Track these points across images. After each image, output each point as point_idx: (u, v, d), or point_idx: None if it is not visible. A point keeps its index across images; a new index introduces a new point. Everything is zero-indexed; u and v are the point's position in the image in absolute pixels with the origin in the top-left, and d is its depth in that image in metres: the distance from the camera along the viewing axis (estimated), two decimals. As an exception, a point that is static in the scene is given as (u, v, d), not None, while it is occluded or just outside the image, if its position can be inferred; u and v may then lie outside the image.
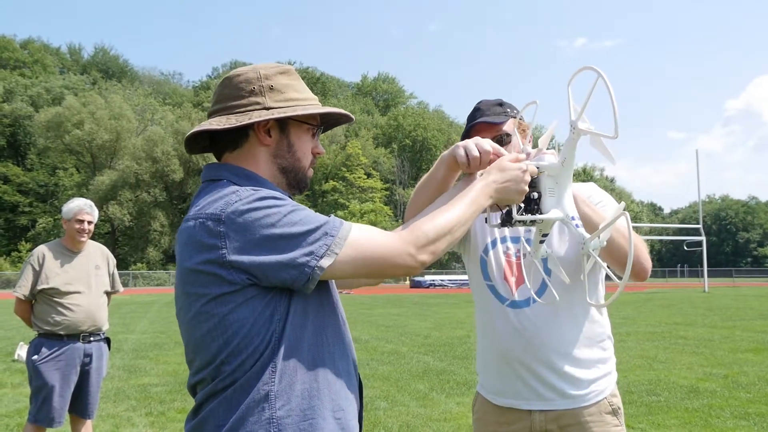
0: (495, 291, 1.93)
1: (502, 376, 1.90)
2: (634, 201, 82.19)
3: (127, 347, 10.72)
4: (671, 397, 6.41)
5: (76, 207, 3.97)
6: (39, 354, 3.81)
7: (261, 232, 1.18)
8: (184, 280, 1.24)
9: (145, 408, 6.13)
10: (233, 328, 1.19)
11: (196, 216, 1.23)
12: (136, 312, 19.54)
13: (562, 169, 1.46)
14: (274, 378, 1.20)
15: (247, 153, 1.35)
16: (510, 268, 1.92)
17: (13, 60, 69.31)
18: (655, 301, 24.33)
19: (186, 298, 1.24)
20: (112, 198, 53.12)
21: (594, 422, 1.81)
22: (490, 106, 1.95)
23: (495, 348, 1.92)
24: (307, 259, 1.18)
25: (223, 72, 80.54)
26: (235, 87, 1.36)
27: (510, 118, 1.92)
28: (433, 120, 72.97)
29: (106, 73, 76.47)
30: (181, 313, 1.28)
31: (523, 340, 1.84)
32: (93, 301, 3.96)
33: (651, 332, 12.53)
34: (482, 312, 2.00)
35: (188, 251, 1.22)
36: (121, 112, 56.56)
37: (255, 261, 1.17)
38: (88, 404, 4.02)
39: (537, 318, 1.84)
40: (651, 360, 8.83)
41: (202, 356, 1.23)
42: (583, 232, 1.45)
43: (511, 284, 1.90)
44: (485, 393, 1.99)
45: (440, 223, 1.30)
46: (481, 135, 1.83)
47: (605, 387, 1.87)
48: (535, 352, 1.83)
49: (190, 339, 1.26)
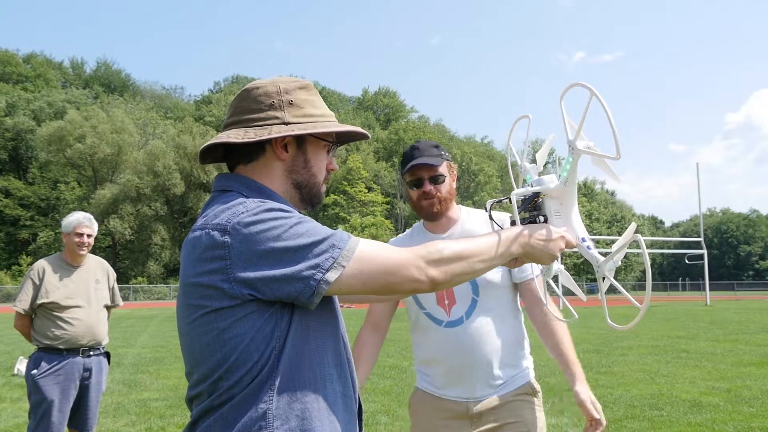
0: (431, 316, 2.22)
1: (443, 377, 2.21)
2: (635, 214, 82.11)
3: (127, 362, 10.68)
4: (674, 411, 6.37)
5: (75, 220, 3.98)
6: (38, 368, 3.79)
7: (266, 245, 1.16)
8: (186, 291, 1.22)
9: (145, 423, 6.10)
10: (232, 343, 1.17)
11: (203, 226, 1.21)
12: (136, 326, 19.49)
13: (565, 190, 1.47)
14: (273, 396, 1.17)
15: (262, 167, 1.34)
16: (440, 295, 2.20)
17: (15, 74, 69.66)
18: (657, 315, 24.25)
19: (186, 309, 1.22)
20: (113, 212, 53.17)
21: (517, 402, 2.19)
22: (427, 147, 2.20)
23: (437, 358, 2.23)
24: (312, 272, 1.16)
25: (225, 86, 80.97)
26: (253, 100, 1.35)
27: (445, 160, 2.20)
28: (434, 134, 73.19)
29: (108, 88, 76.85)
30: (182, 324, 1.26)
31: (460, 351, 2.16)
32: (93, 315, 3.95)
33: (653, 346, 12.48)
34: (419, 332, 2.29)
35: (192, 262, 1.21)
36: (122, 126, 56.77)
37: (259, 274, 1.15)
38: (87, 419, 4.00)
39: (472, 332, 2.16)
40: (653, 374, 8.78)
41: (200, 370, 1.21)
42: (596, 254, 1.47)
43: (445, 307, 2.20)
44: (426, 387, 2.29)
45: (459, 247, 1.30)
46: (419, 173, 2.17)
47: (526, 375, 2.26)
48: (472, 360, 2.15)
49: (188, 352, 1.24)
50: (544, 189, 1.49)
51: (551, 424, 5.82)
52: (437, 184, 2.18)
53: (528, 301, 2.27)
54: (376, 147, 70.98)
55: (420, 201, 2.22)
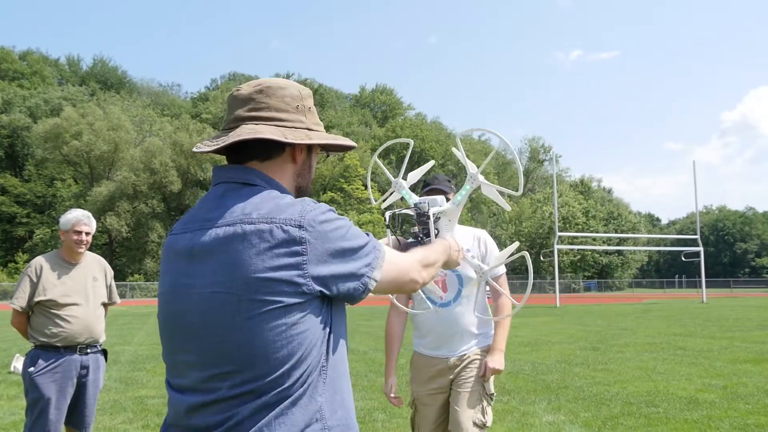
0: (429, 300, 3.06)
1: (434, 341, 3.20)
2: (632, 212, 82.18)
3: (124, 359, 10.67)
4: (670, 408, 6.39)
5: (74, 218, 3.96)
6: (35, 366, 3.78)
7: (337, 243, 1.23)
8: (248, 286, 1.18)
9: (142, 420, 6.10)
10: (298, 339, 1.20)
11: (268, 220, 1.20)
12: (133, 323, 19.47)
13: (455, 210, 1.84)
14: (325, 390, 1.24)
15: (277, 166, 1.38)
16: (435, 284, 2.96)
17: (11, 71, 69.43)
18: (654, 312, 24.30)
19: (247, 304, 1.18)
20: (109, 209, 53.07)
21: (483, 355, 3.17)
22: (443, 179, 3.31)
23: (432, 330, 3.20)
24: (366, 270, 1.27)
25: (221, 83, 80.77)
26: (281, 100, 1.38)
27: (452, 191, 3.24)
28: (430, 131, 73.22)
29: (105, 85, 76.62)
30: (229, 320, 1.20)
31: (449, 324, 3.16)
32: (90, 312, 3.95)
33: (649, 343, 12.51)
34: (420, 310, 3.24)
35: (256, 255, 1.18)
36: (119, 123, 56.65)
37: (331, 271, 1.22)
38: (84, 417, 3.99)
39: (457, 312, 3.15)
40: (650, 371, 8.81)
41: (255, 367, 1.19)
42: (478, 263, 1.99)
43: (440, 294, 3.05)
44: (422, 350, 3.27)
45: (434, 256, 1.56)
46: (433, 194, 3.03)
47: (488, 340, 3.23)
48: (457, 330, 3.15)
49: (238, 349, 1.19)
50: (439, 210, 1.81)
51: (548, 422, 5.84)
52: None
53: (492, 293, 3.32)
54: (373, 144, 70.96)
55: None
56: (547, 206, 58.01)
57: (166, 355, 1.36)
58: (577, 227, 63.94)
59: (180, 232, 1.33)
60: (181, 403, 1.27)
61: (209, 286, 1.22)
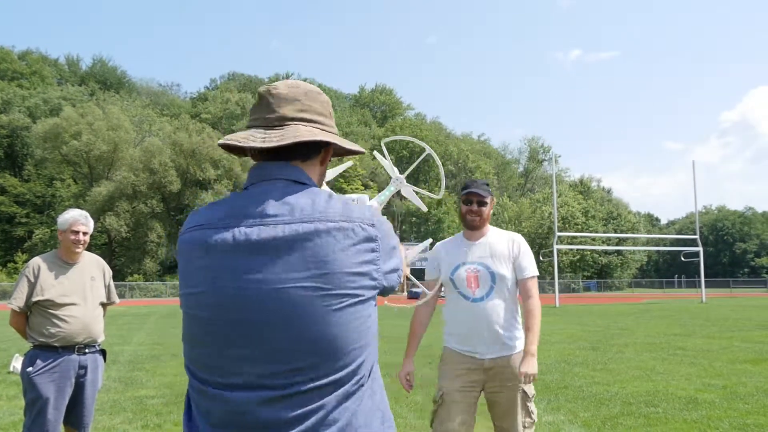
0: (463, 294, 3.29)
1: (467, 338, 3.26)
2: (632, 211, 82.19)
3: (123, 359, 10.66)
4: (669, 408, 6.38)
5: (71, 218, 3.95)
6: (34, 366, 3.77)
7: (393, 241, 1.38)
8: (336, 280, 1.23)
9: (141, 420, 6.09)
10: (371, 330, 1.32)
11: (347, 218, 1.28)
12: (132, 323, 19.46)
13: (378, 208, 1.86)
14: (374, 375, 1.35)
15: (311, 167, 1.42)
16: (469, 280, 3.29)
17: (11, 71, 69.42)
18: (653, 312, 24.31)
19: (332, 298, 1.22)
20: (109, 209, 53.07)
21: (517, 361, 3.19)
22: (481, 184, 3.40)
23: (464, 324, 3.28)
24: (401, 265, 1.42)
25: (221, 83, 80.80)
26: (321, 104, 1.43)
27: (489, 195, 3.38)
28: (430, 131, 73.26)
29: (104, 84, 76.63)
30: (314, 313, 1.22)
31: (481, 319, 3.22)
32: (88, 312, 3.94)
33: (649, 343, 12.51)
34: (453, 305, 3.36)
35: (342, 251, 1.24)
36: (118, 123, 56.63)
37: (391, 266, 1.36)
38: (83, 417, 3.99)
39: (489, 307, 3.23)
40: (649, 371, 8.81)
41: (335, 359, 1.23)
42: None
43: (472, 289, 3.27)
44: (452, 345, 3.34)
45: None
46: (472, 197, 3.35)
47: (521, 344, 3.27)
48: (488, 325, 3.21)
49: (319, 342, 1.22)
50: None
51: (547, 422, 5.83)
52: (481, 207, 3.33)
53: (522, 294, 3.33)
54: (372, 144, 70.96)
55: (467, 215, 3.36)
56: (546, 206, 58.08)
57: (208, 355, 1.27)
58: (576, 227, 63.95)
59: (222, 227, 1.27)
60: (239, 400, 1.23)
61: (287, 281, 1.22)
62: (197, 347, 1.28)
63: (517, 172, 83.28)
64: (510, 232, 3.45)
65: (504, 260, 3.29)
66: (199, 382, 1.27)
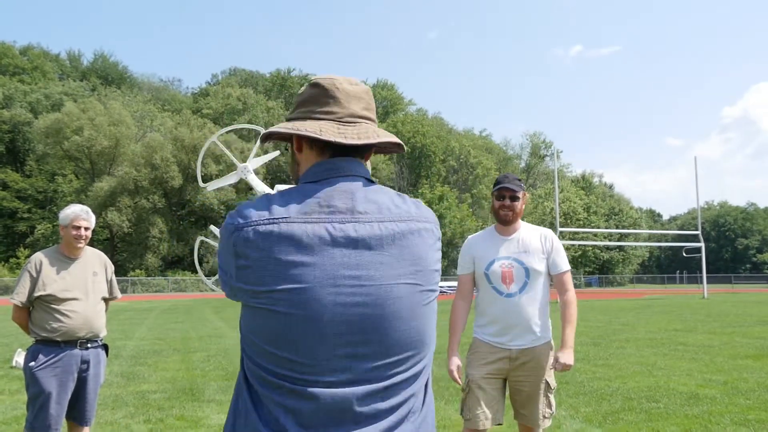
0: (496, 290, 3.38)
1: (498, 330, 3.37)
2: (633, 207, 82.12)
3: (125, 354, 10.69)
4: (671, 403, 6.39)
5: (73, 213, 3.96)
6: (36, 360, 3.79)
7: None
8: (425, 277, 1.32)
9: (144, 415, 6.10)
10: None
11: (427, 219, 1.36)
12: (134, 319, 19.50)
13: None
14: None
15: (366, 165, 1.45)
16: (504, 275, 3.37)
17: (12, 66, 69.39)
18: (654, 308, 24.31)
19: (422, 294, 1.31)
20: (110, 204, 53.12)
21: (543, 353, 3.36)
22: (513, 178, 3.46)
23: (496, 318, 3.37)
24: None
25: (222, 78, 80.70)
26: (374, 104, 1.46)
27: (522, 190, 3.44)
28: (432, 127, 73.17)
29: (106, 80, 76.60)
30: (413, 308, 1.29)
31: (514, 314, 3.33)
32: (90, 307, 3.95)
33: (650, 339, 12.52)
34: (486, 300, 3.44)
35: (427, 250, 1.33)
36: (120, 119, 56.64)
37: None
38: (85, 411, 4.00)
39: (522, 302, 3.33)
40: (650, 366, 8.81)
41: (424, 350, 1.32)
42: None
43: (507, 285, 3.35)
44: (483, 336, 3.43)
45: None
46: (504, 192, 3.41)
47: (549, 335, 3.43)
48: (521, 320, 3.32)
49: (416, 334, 1.29)
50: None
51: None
52: (513, 202, 3.40)
53: (558, 288, 3.46)
54: (374, 140, 70.89)
55: (500, 210, 3.42)
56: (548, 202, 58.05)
57: (307, 354, 1.22)
58: (578, 223, 63.98)
59: (310, 221, 1.24)
60: (340, 397, 1.21)
61: (394, 278, 1.26)
62: (289, 346, 1.22)
63: (519, 168, 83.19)
64: (541, 228, 3.52)
65: (537, 256, 3.38)
66: (288, 383, 1.22)
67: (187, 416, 6.02)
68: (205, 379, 8.12)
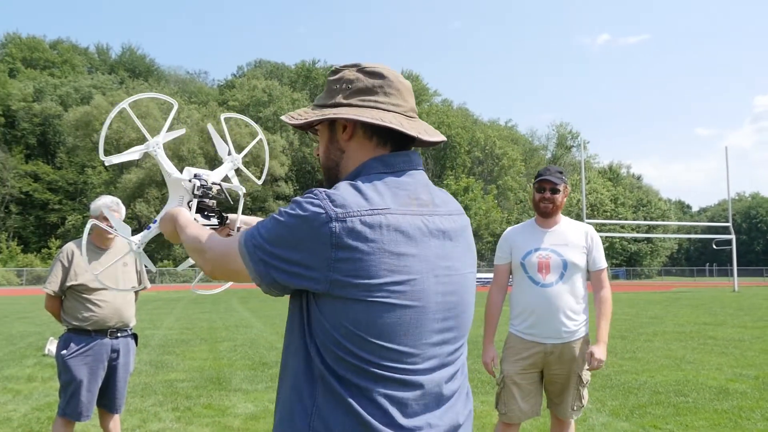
0: (532, 279, 3.39)
1: (532, 321, 3.36)
2: (662, 199, 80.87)
3: (153, 343, 10.86)
4: (700, 398, 6.30)
5: (103, 204, 4.01)
6: (68, 349, 3.86)
7: None
8: (473, 264, 1.43)
9: (172, 403, 6.20)
10: None
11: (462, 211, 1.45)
12: (162, 308, 19.80)
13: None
14: None
15: None
16: (540, 266, 3.38)
17: (43, 60, 70.57)
18: (683, 301, 23.96)
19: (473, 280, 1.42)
20: (139, 195, 53.83)
21: (578, 347, 3.39)
22: (555, 171, 3.49)
23: (530, 308, 3.36)
24: None
25: (248, 71, 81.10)
26: None
27: (563, 182, 3.47)
28: (457, 117, 72.72)
29: (133, 73, 77.44)
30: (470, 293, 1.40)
31: (548, 304, 3.33)
32: (120, 297, 4.01)
33: (679, 332, 12.35)
34: (521, 290, 3.45)
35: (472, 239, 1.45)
36: (147, 111, 57.26)
37: None
38: (115, 399, 4.07)
39: (557, 293, 3.34)
40: (679, 360, 8.70)
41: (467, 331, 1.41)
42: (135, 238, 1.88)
43: (543, 275, 3.37)
44: (516, 332, 3.43)
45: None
46: (545, 185, 3.44)
47: (585, 330, 3.46)
48: (555, 311, 3.32)
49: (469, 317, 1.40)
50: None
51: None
52: (554, 194, 3.44)
53: (594, 285, 3.51)
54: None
55: (540, 202, 3.46)
56: (574, 193, 57.36)
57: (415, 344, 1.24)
58: (605, 214, 63.20)
59: (408, 213, 1.25)
60: (434, 382, 1.28)
61: (465, 268, 1.38)
62: (400, 338, 1.22)
63: (545, 159, 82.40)
64: (582, 223, 3.59)
65: (577, 250, 3.42)
66: (393, 373, 1.22)
67: (215, 405, 6.10)
68: (232, 368, 8.21)
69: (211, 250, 1.37)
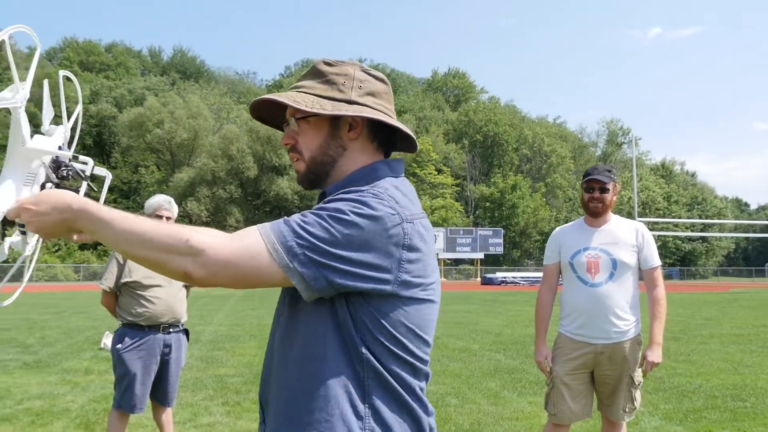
0: (581, 279, 3.35)
1: (582, 323, 3.31)
2: (718, 196, 78.34)
3: (204, 338, 11.08)
4: (758, 403, 6.08)
5: (156, 203, 4.11)
6: (122, 343, 3.97)
7: None
8: None
9: (222, 398, 6.32)
10: None
11: None
12: (212, 305, 20.17)
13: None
14: None
15: None
16: (589, 265, 3.33)
17: (98, 63, 72.84)
18: (741, 302, 23.14)
19: None
20: (190, 194, 55.04)
21: (629, 348, 3.30)
22: (603, 169, 3.42)
23: (579, 309, 3.32)
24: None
25: (295, 70, 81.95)
26: None
27: (612, 181, 3.38)
28: (504, 115, 71.87)
29: (184, 74, 79.20)
30: None
31: (598, 304, 3.27)
32: (172, 294, 4.10)
33: (736, 334, 11.93)
34: (570, 290, 3.41)
35: None
36: (198, 111, 58.56)
37: None
38: (167, 393, 4.17)
39: (606, 293, 3.28)
40: (736, 364, 8.40)
41: None
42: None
43: (592, 274, 3.32)
44: (566, 332, 3.39)
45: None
46: (593, 184, 3.37)
47: (636, 330, 3.37)
48: (604, 310, 3.26)
49: None
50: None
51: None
52: (603, 194, 3.36)
53: (647, 284, 3.44)
54: (446, 129, 70.39)
55: (589, 202, 3.40)
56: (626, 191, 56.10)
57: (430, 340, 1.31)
58: (658, 212, 61.62)
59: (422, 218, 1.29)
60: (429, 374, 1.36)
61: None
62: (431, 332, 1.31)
63: (595, 156, 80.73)
64: (633, 221, 3.51)
65: (628, 248, 3.35)
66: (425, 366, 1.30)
67: (263, 400, 6.18)
68: (279, 364, 8.29)
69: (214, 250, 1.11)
